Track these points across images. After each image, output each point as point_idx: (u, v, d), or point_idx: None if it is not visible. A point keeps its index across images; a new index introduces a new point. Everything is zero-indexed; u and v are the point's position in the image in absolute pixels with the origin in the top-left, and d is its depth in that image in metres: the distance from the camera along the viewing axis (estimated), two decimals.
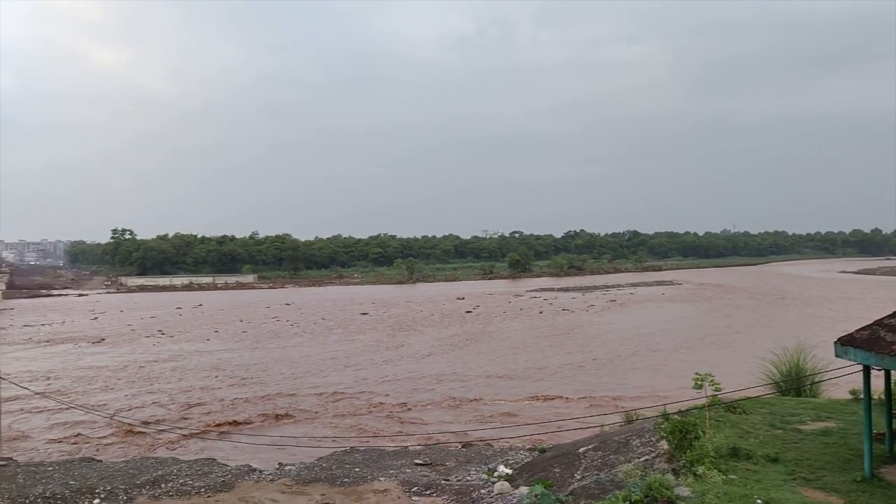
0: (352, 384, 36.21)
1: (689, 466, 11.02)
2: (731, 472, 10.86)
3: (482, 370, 39.64)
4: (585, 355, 44.22)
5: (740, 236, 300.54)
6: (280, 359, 45.98)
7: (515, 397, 31.90)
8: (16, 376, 32.20)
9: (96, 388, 36.57)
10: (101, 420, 27.49)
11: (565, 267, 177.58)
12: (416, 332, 60.04)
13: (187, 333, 62.36)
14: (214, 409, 30.94)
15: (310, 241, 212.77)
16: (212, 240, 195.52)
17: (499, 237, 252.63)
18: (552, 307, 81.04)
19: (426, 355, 46.20)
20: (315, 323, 69.28)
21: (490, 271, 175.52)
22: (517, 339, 53.03)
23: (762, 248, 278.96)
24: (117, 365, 44.28)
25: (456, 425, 25.97)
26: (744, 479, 10.58)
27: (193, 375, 40.04)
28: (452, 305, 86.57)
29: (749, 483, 10.35)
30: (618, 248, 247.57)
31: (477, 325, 64.32)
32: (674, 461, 11.83)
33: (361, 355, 46.73)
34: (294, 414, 29.48)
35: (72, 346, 54.90)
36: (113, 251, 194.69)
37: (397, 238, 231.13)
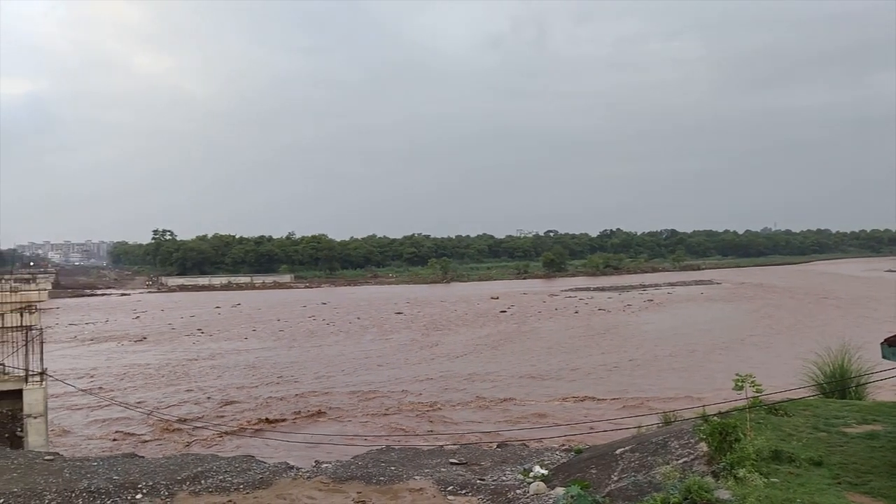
0: (386, 383, 36.40)
1: (730, 469, 10.81)
2: (772, 476, 10.62)
3: (516, 370, 39.49)
4: (621, 356, 43.73)
5: (781, 234, 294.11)
6: (315, 357, 46.45)
7: (550, 398, 31.71)
8: (61, 373, 33.09)
9: (137, 386, 37.41)
10: (142, 417, 28.12)
11: (601, 266, 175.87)
12: (451, 331, 60.10)
13: (226, 332, 63.41)
14: (251, 406, 31.40)
15: (345, 241, 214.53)
16: (249, 240, 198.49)
17: (533, 236, 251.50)
18: (588, 307, 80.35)
19: (460, 355, 46.20)
20: (350, 322, 69.84)
21: (524, 271, 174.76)
22: (552, 339, 52.71)
23: (804, 247, 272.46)
24: (158, 363, 45.24)
25: (490, 425, 25.92)
26: (786, 482, 10.34)
27: (231, 374, 40.69)
28: (486, 305, 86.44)
29: (792, 487, 10.11)
30: (655, 247, 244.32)
31: (511, 324, 64.11)
32: (713, 463, 11.62)
33: (395, 354, 46.96)
34: (329, 412, 29.76)
35: (115, 344, 56.28)
36: (154, 252, 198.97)
37: (431, 238, 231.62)
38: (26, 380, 20.69)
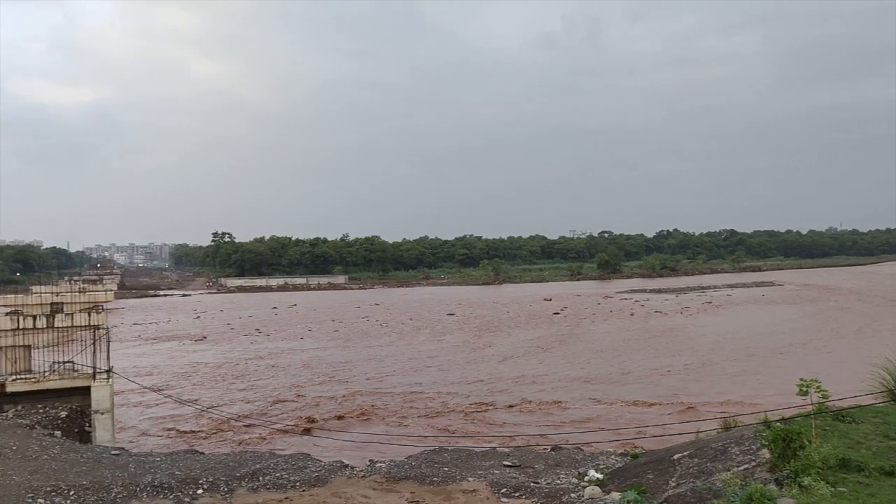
0: (438, 384, 36.50)
1: (794, 477, 10.44)
2: (840, 485, 10.21)
3: (568, 373, 39.08)
4: (676, 359, 42.79)
5: (848, 234, 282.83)
6: (369, 358, 46.93)
7: (602, 401, 31.26)
8: (126, 371, 34.32)
9: (197, 384, 38.49)
10: (201, 414, 28.91)
11: (657, 267, 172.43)
12: (503, 333, 59.89)
13: (282, 332, 64.68)
14: (305, 405, 31.92)
15: (398, 243, 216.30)
16: (305, 242, 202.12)
17: (587, 237, 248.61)
18: (643, 309, 78.92)
19: (511, 356, 45.99)
20: (403, 323, 70.32)
21: (578, 272, 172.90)
22: (606, 342, 51.96)
23: (872, 247, 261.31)
24: (217, 362, 46.46)
25: (543, 428, 25.71)
26: (855, 492, 9.93)
27: (287, 373, 41.47)
28: (539, 307, 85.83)
29: (861, 497, 9.71)
30: (713, 247, 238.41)
31: (564, 326, 63.48)
32: (776, 471, 11.25)
33: (447, 355, 47.04)
34: (380, 413, 30.01)
35: (176, 343, 58.07)
36: (213, 253, 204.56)
37: (483, 239, 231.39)
38: (94, 377, 21.55)
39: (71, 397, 21.48)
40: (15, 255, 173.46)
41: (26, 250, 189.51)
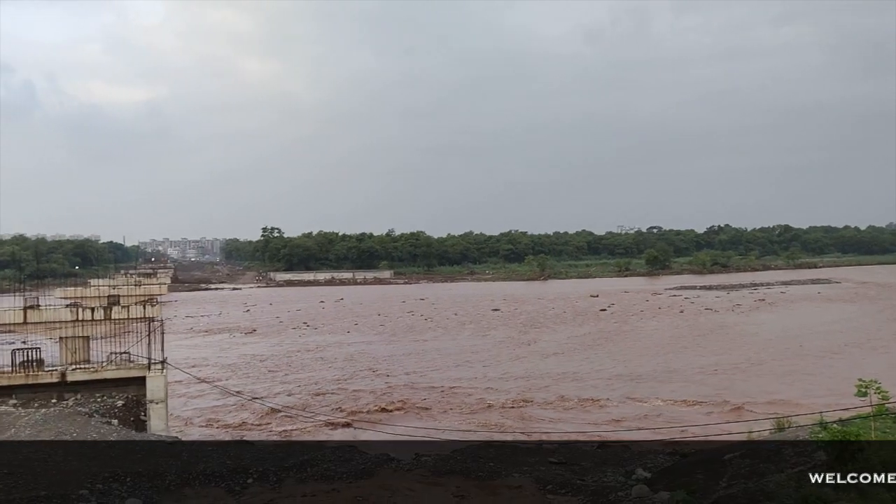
0: (482, 380, 36.47)
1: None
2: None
3: (614, 371, 38.60)
4: (725, 358, 41.85)
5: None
6: (414, 352, 47.19)
7: (651, 399, 30.79)
8: (179, 362, 35.27)
9: (247, 375, 39.32)
10: (250, 404, 29.52)
11: (708, 264, 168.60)
12: (548, 329, 59.48)
13: (329, 326, 65.55)
14: (351, 398, 32.29)
15: (442, 238, 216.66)
16: (351, 237, 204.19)
17: (635, 233, 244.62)
18: (693, 306, 77.34)
19: (557, 353, 45.66)
20: (448, 318, 70.47)
21: (626, 268, 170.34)
22: (655, 340, 51.13)
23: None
24: (267, 354, 47.38)
25: (589, 426, 25.46)
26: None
27: (334, 366, 42.02)
28: (586, 303, 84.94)
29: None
30: (767, 243, 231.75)
31: (611, 323, 62.68)
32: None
33: (492, 351, 46.97)
34: (427, 407, 30.16)
35: (227, 335, 59.43)
36: (263, 248, 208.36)
37: (528, 234, 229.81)
38: (149, 368, 22.20)
39: (127, 387, 22.17)
40: (74, 250, 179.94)
41: (85, 245, 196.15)
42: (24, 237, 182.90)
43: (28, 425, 18.11)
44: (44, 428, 17.85)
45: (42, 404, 20.81)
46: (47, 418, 19.03)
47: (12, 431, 17.41)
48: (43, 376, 21.62)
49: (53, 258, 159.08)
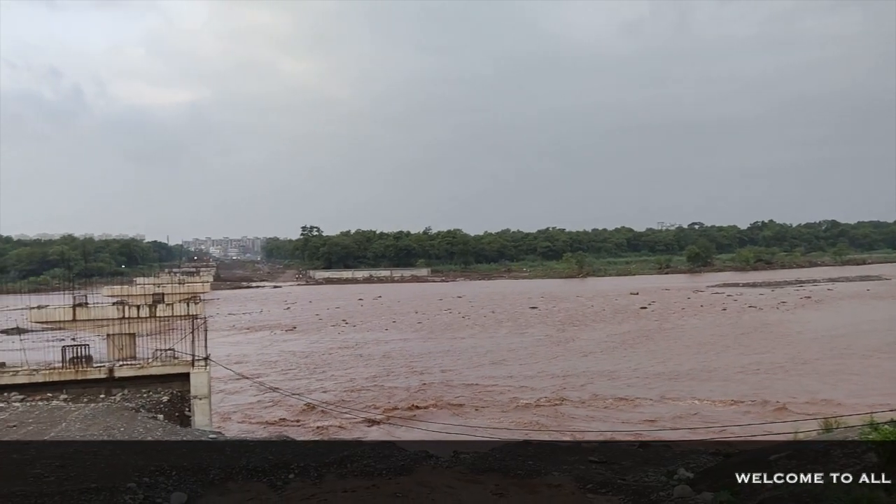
0: (519, 378, 36.35)
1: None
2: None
3: (654, 369, 38.10)
4: (769, 356, 40.96)
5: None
6: (450, 350, 47.26)
7: (692, 398, 30.32)
8: (221, 359, 35.94)
9: (287, 372, 39.88)
10: (290, 400, 29.93)
11: (752, 260, 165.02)
12: (587, 327, 58.98)
13: (368, 323, 66.07)
14: (389, 395, 32.51)
15: (479, 236, 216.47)
16: (389, 235, 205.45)
17: (676, 229, 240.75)
18: (736, 304, 75.82)
19: (595, 352, 45.24)
20: (485, 316, 70.38)
21: (667, 265, 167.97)
22: (696, 338, 50.29)
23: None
24: (306, 351, 47.98)
25: (629, 425, 25.19)
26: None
27: (373, 363, 42.34)
28: (625, 301, 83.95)
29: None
30: (813, 239, 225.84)
31: (652, 321, 61.85)
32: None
33: (529, 349, 46.76)
34: (463, 404, 30.19)
35: (268, 332, 60.35)
36: (302, 247, 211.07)
37: (566, 231, 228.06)
38: (193, 364, 22.68)
39: (172, 383, 22.69)
40: (120, 249, 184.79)
41: (130, 244, 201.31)
42: (73, 237, 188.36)
43: (78, 419, 18.66)
44: (93, 422, 18.37)
45: (91, 399, 21.42)
46: (96, 413, 19.58)
47: (63, 425, 17.95)
48: (91, 372, 22.26)
49: (101, 257, 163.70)
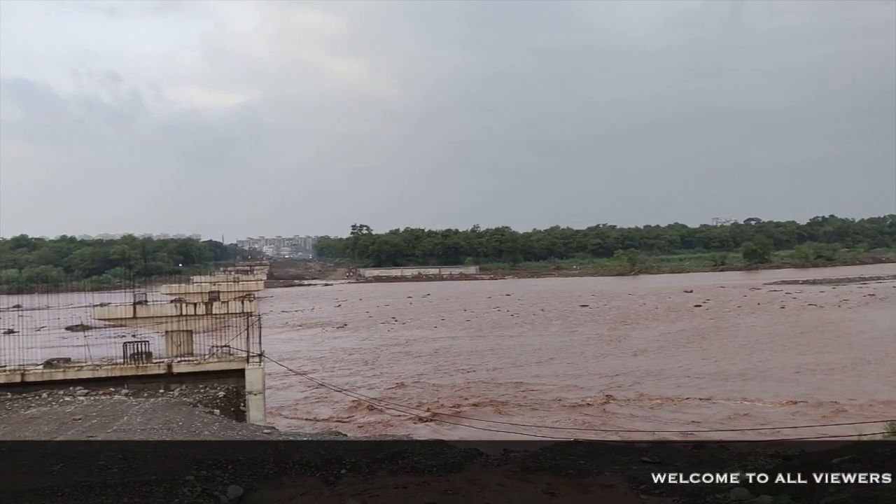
0: (568, 377, 36.01)
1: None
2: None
3: (708, 369, 37.24)
4: (829, 356, 39.57)
5: None
6: (498, 348, 47.12)
7: (747, 399, 29.53)
8: (274, 356, 36.65)
9: (338, 368, 40.42)
10: (340, 396, 30.30)
11: (811, 257, 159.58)
12: (639, 325, 58.03)
13: (417, 321, 66.42)
14: (438, 393, 32.62)
15: (528, 234, 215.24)
16: (437, 234, 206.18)
17: (731, 225, 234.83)
18: (795, 302, 73.47)
19: (647, 350, 44.47)
20: (534, 314, 69.95)
21: (722, 262, 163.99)
22: (752, 337, 48.94)
23: None
24: (357, 348, 48.54)
25: (682, 425, 24.70)
26: None
27: (421, 360, 42.54)
28: (679, 299, 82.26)
29: None
30: (877, 234, 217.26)
31: (706, 319, 60.46)
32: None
33: (579, 348, 46.26)
34: (511, 402, 30.08)
35: (320, 329, 61.29)
36: (352, 245, 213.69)
37: (617, 228, 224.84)
38: (247, 360, 23.18)
39: (227, 378, 23.23)
40: (178, 248, 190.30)
41: (187, 243, 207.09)
42: (133, 237, 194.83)
43: (139, 413, 19.29)
44: (153, 416, 18.96)
45: (151, 394, 22.11)
46: (155, 407, 20.20)
47: (125, 419, 18.58)
48: (151, 368, 22.98)
49: (159, 256, 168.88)
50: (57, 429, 17.31)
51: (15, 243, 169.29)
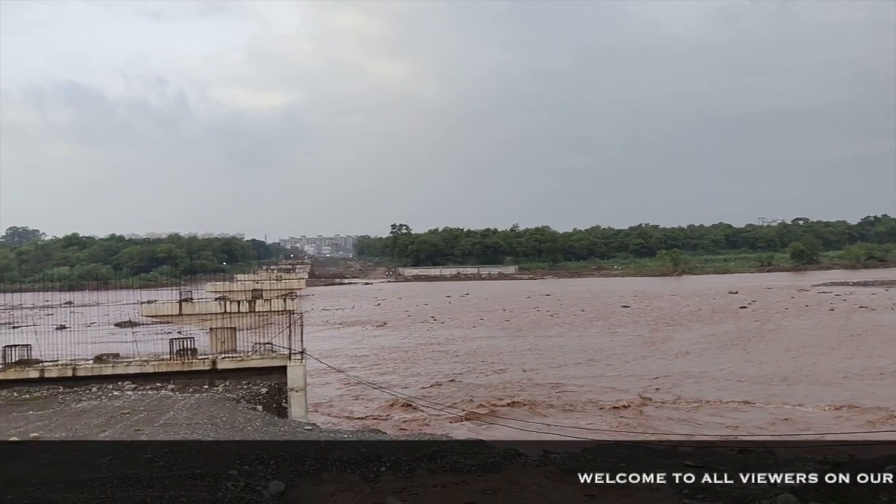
0: (607, 378, 35.63)
1: None
2: None
3: (752, 372, 36.43)
4: (880, 361, 38.22)
5: None
6: (537, 348, 46.86)
7: (795, 403, 28.75)
8: (315, 353, 37.08)
9: (377, 366, 40.70)
10: (378, 394, 30.52)
11: (862, 258, 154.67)
12: (682, 327, 57.06)
13: (455, 320, 66.49)
14: (475, 392, 32.58)
15: (568, 233, 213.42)
16: (476, 233, 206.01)
17: (778, 224, 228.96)
18: (846, 304, 71.32)
19: (690, 353, 43.70)
20: (575, 314, 69.36)
21: (768, 263, 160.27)
22: (799, 340, 47.67)
23: None
24: (396, 346, 48.82)
25: (725, 429, 24.22)
26: None
27: (459, 359, 42.57)
28: (724, 300, 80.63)
29: None
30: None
31: (752, 321, 59.12)
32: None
33: (620, 349, 45.71)
34: (550, 403, 29.87)
35: (360, 328, 61.83)
36: (392, 244, 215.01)
37: (660, 228, 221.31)
38: (290, 357, 23.50)
39: (270, 375, 23.59)
40: (222, 247, 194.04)
41: (231, 242, 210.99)
42: (179, 236, 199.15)
43: (184, 408, 19.72)
44: (198, 411, 19.37)
45: (196, 389, 22.58)
46: (200, 403, 20.63)
47: (171, 414, 19.02)
48: (196, 364, 23.46)
49: (204, 255, 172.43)
50: (106, 422, 17.81)
51: (66, 242, 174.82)
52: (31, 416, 18.80)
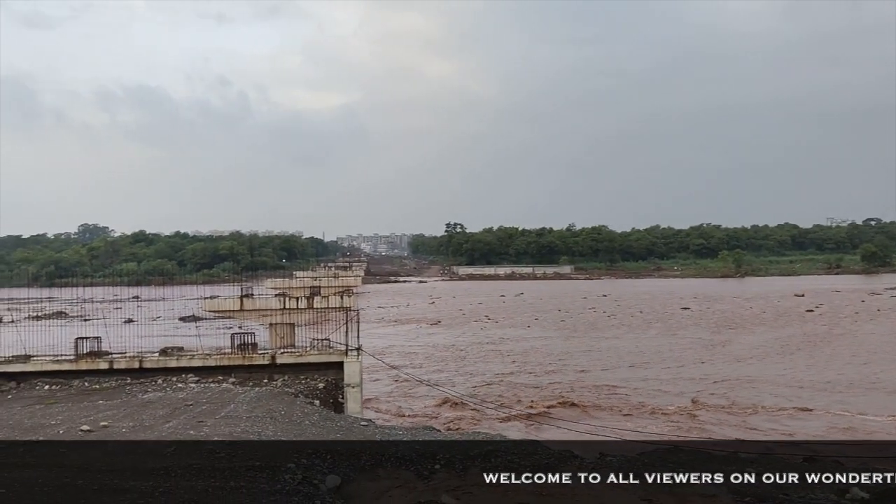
0: (666, 381, 34.88)
1: None
2: None
3: (817, 377, 35.11)
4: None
5: None
6: (593, 349, 46.23)
7: (861, 411, 27.54)
8: (370, 349, 37.50)
9: (430, 364, 40.89)
10: (431, 391, 30.63)
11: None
12: (744, 330, 55.41)
13: (510, 320, 66.23)
14: (529, 392, 32.38)
15: (626, 233, 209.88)
16: (531, 232, 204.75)
17: (848, 225, 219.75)
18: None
19: (751, 357, 42.40)
20: (632, 316, 68.17)
21: (837, 265, 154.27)
22: (868, 345, 45.76)
23: None
24: (449, 344, 48.96)
25: (787, 437, 23.41)
26: None
27: (513, 359, 42.36)
28: (789, 303, 77.94)
29: None
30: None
31: (819, 325, 56.95)
32: None
33: (676, 352, 44.69)
34: (604, 405, 29.45)
35: (414, 326, 62.25)
36: (446, 243, 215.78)
37: (722, 228, 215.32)
38: (346, 354, 23.85)
39: (327, 371, 23.99)
40: (282, 245, 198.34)
41: (290, 240, 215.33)
42: (240, 233, 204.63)
43: (244, 402, 20.23)
44: (257, 405, 19.84)
45: (255, 383, 23.14)
46: (260, 396, 21.13)
47: (231, 407, 19.54)
48: (256, 358, 24.06)
49: (264, 252, 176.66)
50: (171, 413, 18.43)
51: (134, 238, 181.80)
52: (100, 406, 19.60)
